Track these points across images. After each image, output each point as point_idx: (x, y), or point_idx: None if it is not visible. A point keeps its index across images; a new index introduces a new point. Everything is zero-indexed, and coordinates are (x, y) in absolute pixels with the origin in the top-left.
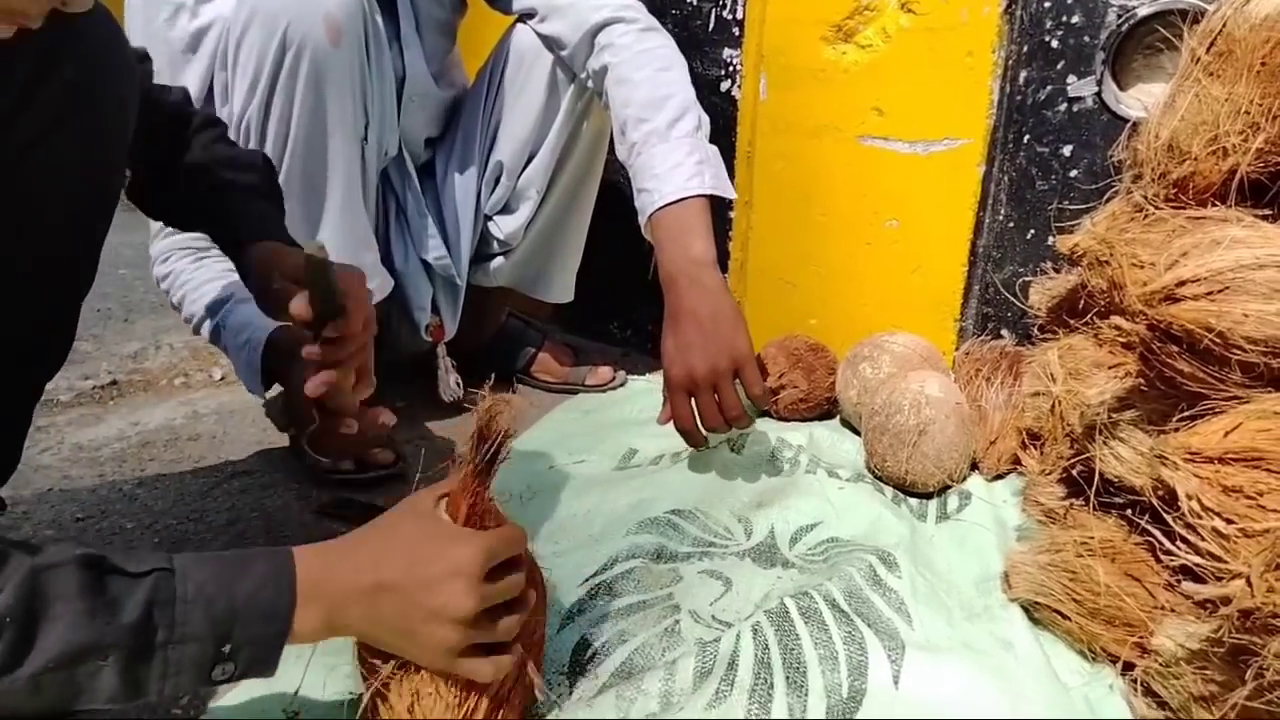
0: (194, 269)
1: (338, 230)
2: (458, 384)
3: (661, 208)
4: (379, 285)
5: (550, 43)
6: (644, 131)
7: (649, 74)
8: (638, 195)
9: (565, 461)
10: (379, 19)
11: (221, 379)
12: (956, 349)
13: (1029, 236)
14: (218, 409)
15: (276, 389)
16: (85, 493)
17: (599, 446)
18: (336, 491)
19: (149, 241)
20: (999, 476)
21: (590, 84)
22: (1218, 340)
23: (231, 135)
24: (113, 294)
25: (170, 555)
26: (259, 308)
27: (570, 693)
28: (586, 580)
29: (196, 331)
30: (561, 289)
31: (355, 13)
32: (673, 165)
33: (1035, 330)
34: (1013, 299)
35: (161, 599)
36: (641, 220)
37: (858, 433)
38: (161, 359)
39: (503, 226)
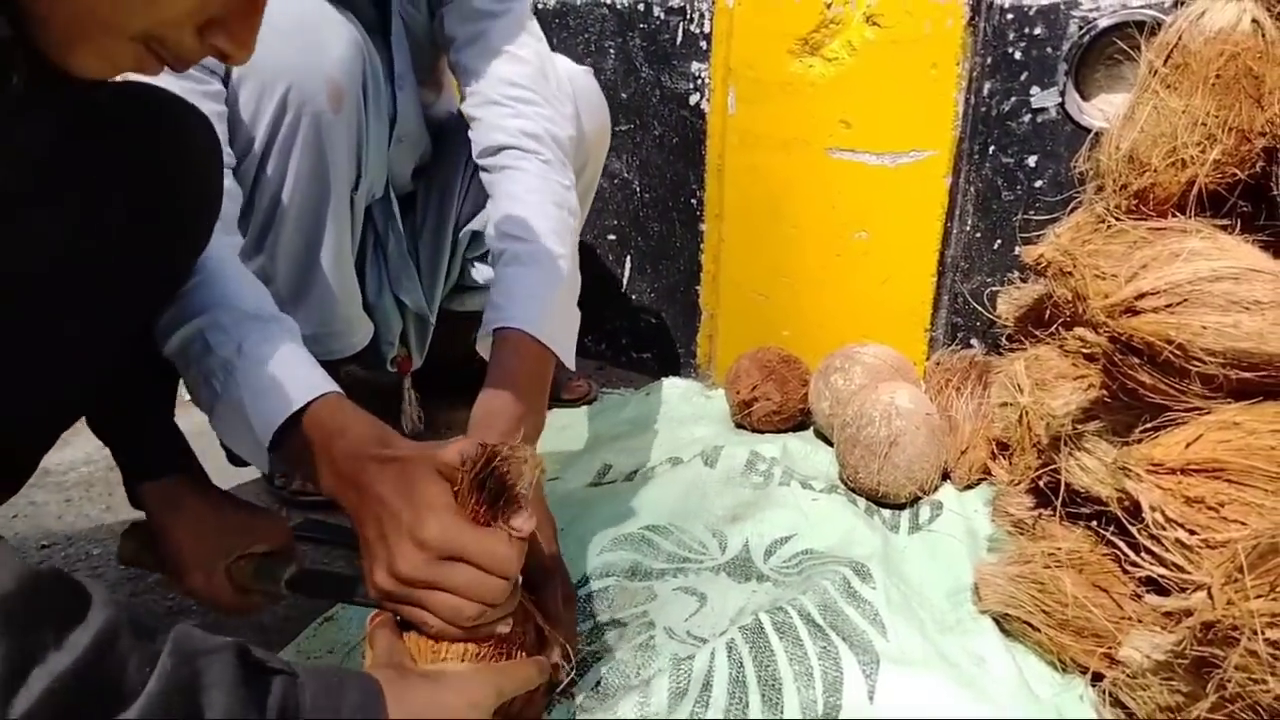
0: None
1: (326, 289)
2: (419, 418)
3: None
4: (361, 336)
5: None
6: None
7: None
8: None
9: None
10: (377, 65)
11: (191, 399)
12: (927, 359)
13: (996, 247)
14: (187, 430)
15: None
16: (51, 519)
17: (573, 462)
18: (307, 514)
19: None
20: (970, 486)
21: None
22: (1178, 352)
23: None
24: None
25: (285, 661)
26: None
27: (546, 712)
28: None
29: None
30: None
31: (356, 71)
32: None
33: (1004, 340)
34: (981, 309)
35: (290, 704)
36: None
37: (831, 443)
38: None
39: (484, 272)
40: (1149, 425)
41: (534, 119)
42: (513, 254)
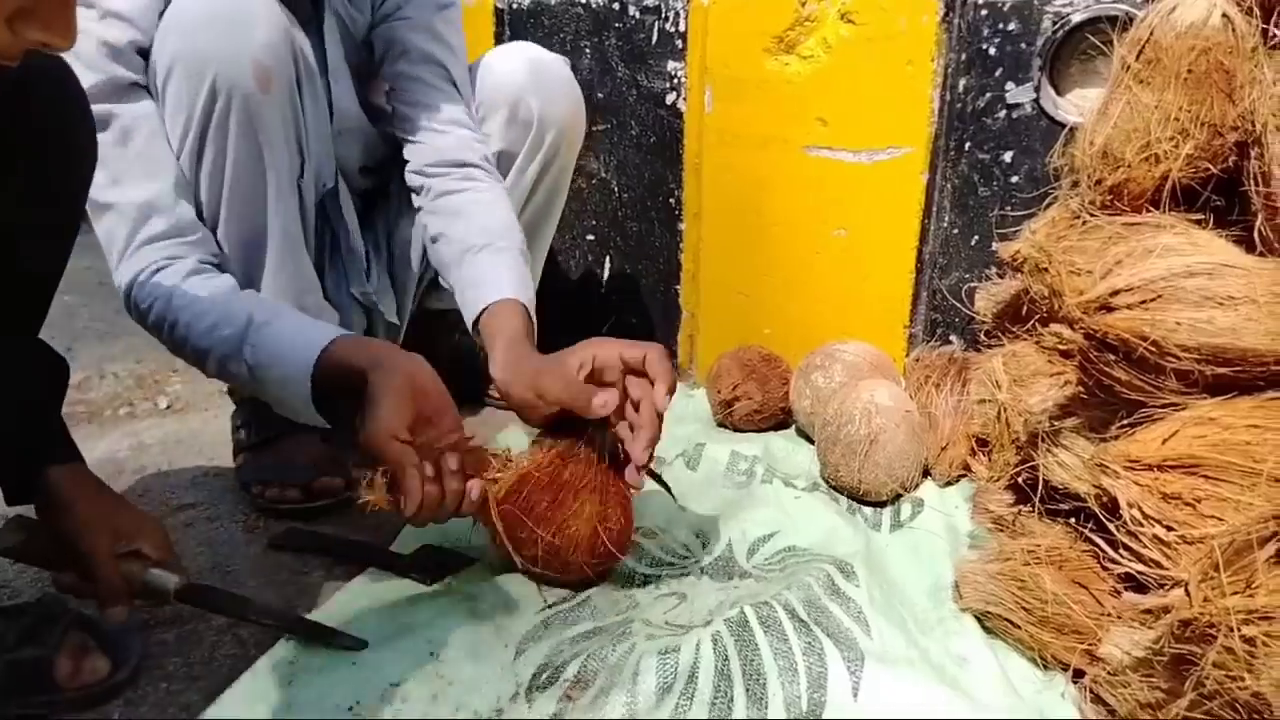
0: (185, 287)
1: (279, 277)
2: None
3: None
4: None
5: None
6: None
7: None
8: (474, 289)
9: None
10: (309, 53)
11: (168, 408)
12: (907, 355)
13: (973, 243)
14: (163, 439)
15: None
16: None
17: None
18: (285, 522)
19: (114, 269)
20: (951, 482)
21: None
22: (1153, 349)
23: None
24: (55, 320)
25: None
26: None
27: (529, 710)
28: (543, 609)
29: (210, 369)
30: None
31: (284, 54)
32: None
33: (982, 336)
34: (960, 305)
35: None
36: (481, 307)
37: (812, 442)
38: (106, 388)
39: None
40: (1126, 421)
41: (483, 146)
42: (497, 248)
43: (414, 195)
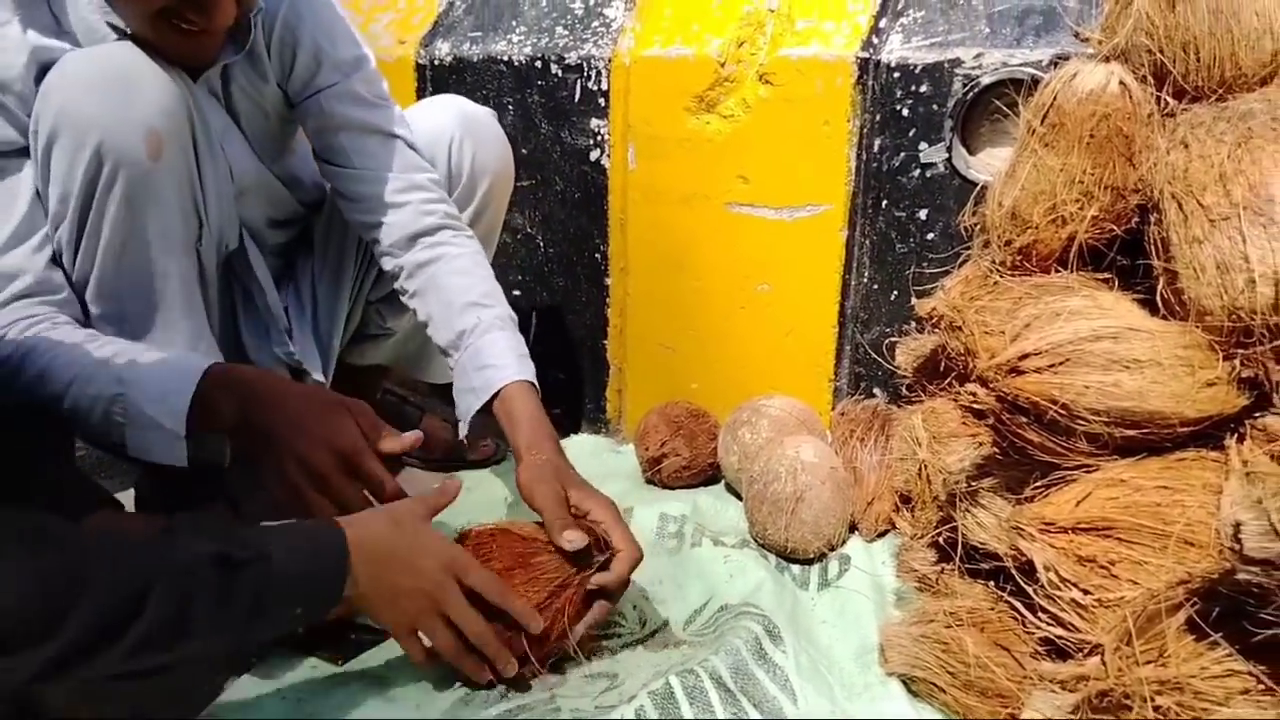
0: (56, 336)
1: (172, 337)
2: None
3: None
4: None
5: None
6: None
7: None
8: (481, 372)
9: None
10: (206, 111)
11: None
12: (832, 409)
13: (893, 298)
14: None
15: None
16: None
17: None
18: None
19: None
20: (879, 535)
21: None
22: (1062, 411)
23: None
24: None
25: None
26: None
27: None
28: (460, 684)
29: (80, 416)
30: (443, 369)
31: (180, 119)
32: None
33: (904, 389)
34: (881, 359)
35: (262, 587)
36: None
37: (741, 497)
38: None
39: (387, 315)
40: (1040, 482)
41: (442, 200)
42: (487, 323)
43: (394, 279)
